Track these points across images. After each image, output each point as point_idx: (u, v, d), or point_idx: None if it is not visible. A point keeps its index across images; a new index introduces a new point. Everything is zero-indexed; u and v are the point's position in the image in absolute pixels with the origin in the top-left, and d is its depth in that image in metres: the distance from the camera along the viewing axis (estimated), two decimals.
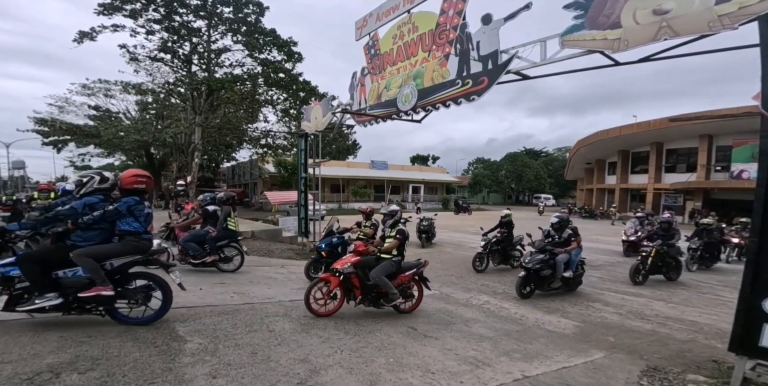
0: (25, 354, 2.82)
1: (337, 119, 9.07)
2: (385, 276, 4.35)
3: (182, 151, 20.38)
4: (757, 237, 2.85)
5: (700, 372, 3.41)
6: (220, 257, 6.45)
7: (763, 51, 2.82)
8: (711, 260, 9.08)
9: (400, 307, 4.66)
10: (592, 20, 4.00)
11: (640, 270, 7.17)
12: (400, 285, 4.57)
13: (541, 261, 5.89)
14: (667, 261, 7.36)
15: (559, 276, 5.94)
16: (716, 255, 9.16)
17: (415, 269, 4.70)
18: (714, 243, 9.05)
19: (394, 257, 4.51)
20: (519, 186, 54.65)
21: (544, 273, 5.88)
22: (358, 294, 4.42)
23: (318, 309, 4.29)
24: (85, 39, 14.78)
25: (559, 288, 6.09)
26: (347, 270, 4.33)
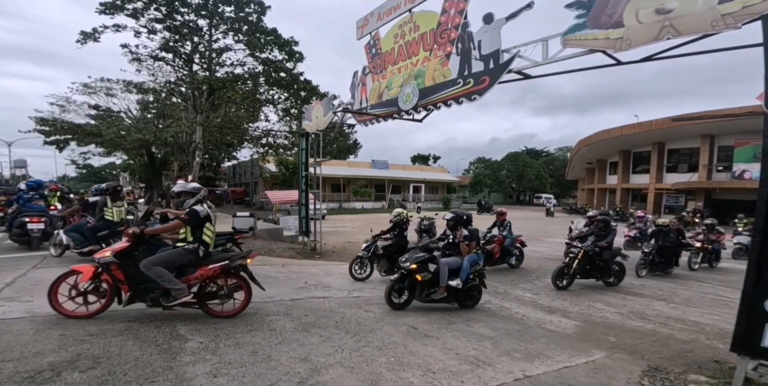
0: (26, 353, 2.82)
1: (338, 118, 9.07)
2: (167, 266, 3.55)
3: (183, 150, 20.38)
4: (759, 238, 2.84)
5: (702, 372, 3.40)
6: (101, 247, 6.12)
7: (766, 50, 2.80)
8: (665, 265, 8.09)
9: (213, 309, 3.91)
10: (595, 19, 3.99)
11: (564, 273, 6.48)
12: (206, 279, 3.78)
13: (418, 260, 4.85)
14: (598, 264, 6.63)
15: (443, 284, 4.79)
16: (672, 261, 8.17)
17: (228, 261, 3.83)
18: (669, 247, 8.08)
19: (188, 243, 3.71)
20: (520, 186, 54.60)
21: (424, 278, 4.78)
22: (125, 289, 3.61)
23: (72, 309, 3.60)
24: (88, 40, 14.80)
25: (443, 300, 4.87)
26: (105, 261, 3.53)
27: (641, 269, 7.91)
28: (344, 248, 11.02)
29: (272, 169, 31.09)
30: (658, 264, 8.03)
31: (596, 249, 6.58)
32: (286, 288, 5.70)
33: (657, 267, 8.03)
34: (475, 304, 5.21)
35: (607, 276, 6.75)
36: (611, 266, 6.74)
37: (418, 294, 4.86)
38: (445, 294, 4.85)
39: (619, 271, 6.94)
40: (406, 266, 4.80)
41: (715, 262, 9.46)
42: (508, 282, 7.04)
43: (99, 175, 65.99)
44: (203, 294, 3.87)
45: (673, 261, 8.19)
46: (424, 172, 42.34)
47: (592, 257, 6.59)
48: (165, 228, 3.87)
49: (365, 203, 33.49)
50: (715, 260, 9.45)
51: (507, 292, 6.31)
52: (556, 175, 54.00)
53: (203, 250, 3.76)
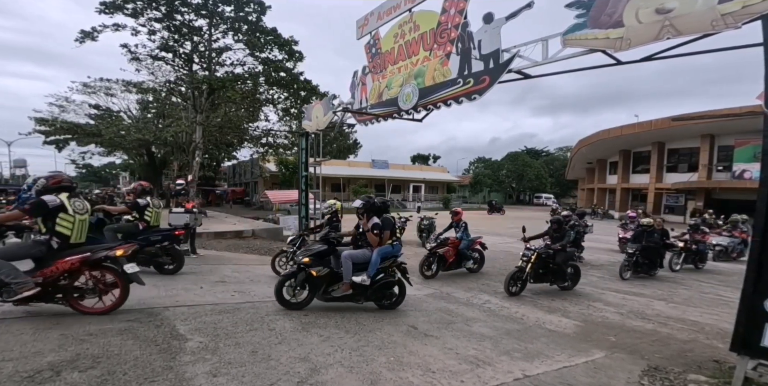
0: (26, 352, 2.82)
1: (338, 118, 9.06)
2: (9, 258, 3.34)
3: (183, 149, 20.39)
4: (759, 237, 2.84)
5: (702, 372, 3.40)
6: None
7: (766, 50, 2.80)
8: (649, 267, 7.85)
9: (80, 305, 3.64)
10: (595, 19, 3.98)
11: (517, 278, 6.00)
12: (64, 273, 3.48)
13: (311, 253, 4.51)
14: (552, 267, 6.19)
15: (347, 280, 4.41)
16: (656, 262, 7.93)
17: (89, 254, 3.52)
18: (653, 248, 7.83)
19: (41, 235, 3.48)
20: (520, 185, 54.62)
21: (319, 273, 4.41)
22: None
23: None
24: (87, 39, 14.79)
25: (348, 298, 4.49)
26: None
27: (625, 271, 7.63)
28: None
29: (272, 169, 31.10)
30: (642, 265, 7.76)
31: (549, 251, 6.14)
32: None
33: (641, 268, 7.76)
34: (397, 303, 4.74)
35: (561, 281, 6.31)
36: (565, 270, 6.27)
37: (318, 292, 4.45)
38: (349, 291, 4.43)
39: (574, 275, 6.48)
40: (299, 260, 4.41)
41: (701, 263, 9.11)
42: None
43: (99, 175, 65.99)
44: (67, 288, 3.56)
45: (658, 262, 7.93)
46: (424, 172, 42.35)
47: (545, 260, 6.14)
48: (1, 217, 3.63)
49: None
50: (700, 261, 9.07)
51: None
52: (556, 175, 54.03)
53: (57, 242, 3.47)
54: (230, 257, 8.38)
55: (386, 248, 4.60)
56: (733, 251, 10.43)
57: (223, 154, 29.85)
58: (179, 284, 5.27)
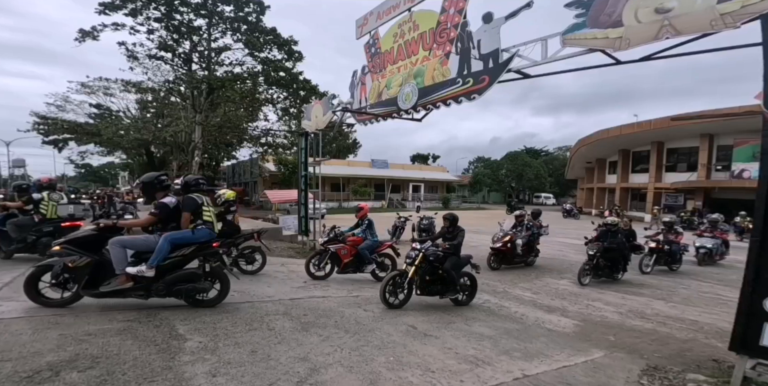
0: (24, 352, 2.82)
1: (337, 118, 9.06)
2: None
3: (182, 149, 20.39)
4: (758, 237, 2.84)
5: (701, 371, 3.41)
6: None
7: (765, 50, 2.81)
8: (612, 270, 7.16)
9: None
10: (594, 19, 3.99)
11: (397, 284, 4.82)
12: None
13: (71, 239, 3.99)
14: (441, 274, 4.96)
15: (118, 271, 3.77)
16: (619, 265, 7.23)
17: None
18: (616, 250, 7.10)
19: None
20: (519, 185, 54.61)
21: (76, 264, 3.85)
22: None
23: None
24: (86, 38, 14.78)
25: (125, 293, 3.85)
26: None
27: (584, 275, 6.90)
28: None
29: (271, 169, 31.08)
30: (604, 268, 7.06)
31: (438, 253, 4.92)
32: (285, 287, 5.69)
33: (602, 272, 7.07)
34: (215, 300, 4.11)
35: (451, 292, 4.98)
36: (455, 278, 4.91)
37: (79, 286, 3.77)
38: (127, 284, 3.73)
39: (470, 286, 5.28)
40: (49, 251, 3.88)
41: (675, 265, 8.55)
42: (507, 282, 7.04)
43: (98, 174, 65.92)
44: None
45: (621, 265, 7.25)
46: (423, 172, 42.35)
47: (433, 264, 4.93)
48: None
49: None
50: (673, 262, 8.51)
51: (506, 292, 6.31)
52: (556, 175, 54.05)
53: None
54: None
55: (179, 233, 3.89)
56: (716, 253, 9.70)
57: (222, 153, 29.86)
58: None
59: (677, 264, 8.61)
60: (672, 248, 8.36)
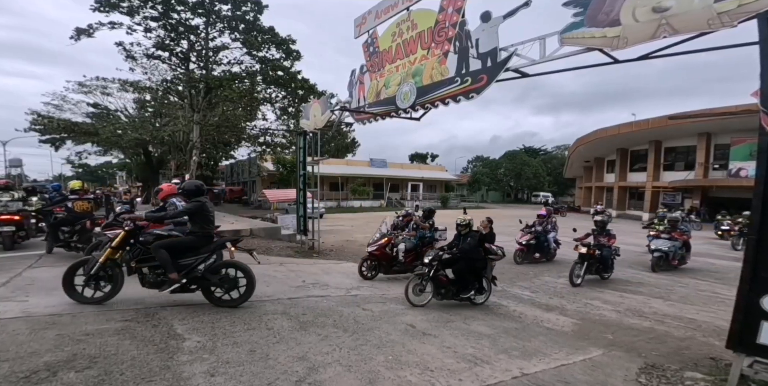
0: (22, 353, 2.81)
1: (336, 117, 9.05)
2: None
3: (180, 149, 20.32)
4: (755, 235, 2.85)
5: (698, 369, 3.42)
6: None
7: (762, 49, 2.82)
8: (459, 289, 5.06)
9: None
10: (592, 18, 3.99)
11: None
12: None
13: None
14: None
15: None
16: (468, 281, 5.05)
17: None
18: (462, 260, 5.07)
19: None
20: (518, 184, 54.69)
21: None
22: None
23: None
24: (82, 36, 14.70)
25: None
26: None
27: (416, 293, 5.00)
28: (342, 247, 11.02)
29: (270, 168, 31.03)
30: (447, 287, 5.05)
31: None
32: (284, 286, 5.69)
33: (445, 291, 5.05)
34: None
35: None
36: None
37: None
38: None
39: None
40: None
41: (607, 273, 7.35)
42: (506, 281, 7.05)
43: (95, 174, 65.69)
44: None
45: (472, 281, 5.08)
46: (422, 171, 42.35)
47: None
48: None
49: (363, 202, 33.47)
50: (605, 270, 7.26)
51: (504, 290, 6.32)
52: (554, 174, 54.11)
53: None
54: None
55: None
56: (674, 257, 8.49)
57: (220, 153, 29.78)
58: None
59: (608, 271, 7.33)
60: (603, 253, 7.08)
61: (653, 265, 8.37)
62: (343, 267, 7.94)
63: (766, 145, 2.82)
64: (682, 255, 8.72)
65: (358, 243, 11.33)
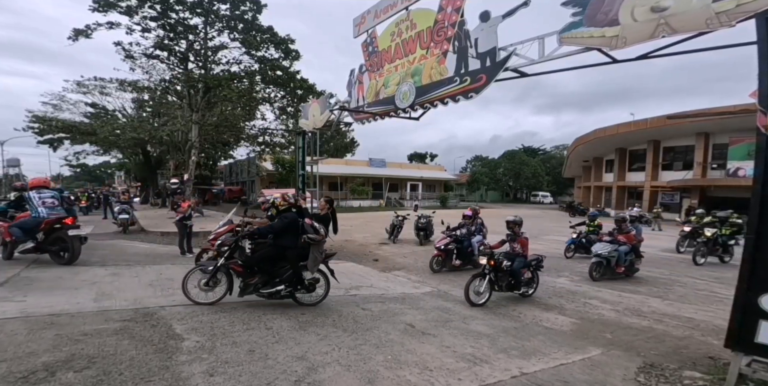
0: (20, 353, 2.80)
1: (335, 117, 9.05)
2: None
3: (179, 148, 20.28)
4: (753, 234, 2.86)
5: (697, 368, 3.43)
6: None
7: (760, 49, 2.82)
8: None
9: None
10: (591, 18, 3.99)
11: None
12: None
13: None
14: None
15: None
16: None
17: None
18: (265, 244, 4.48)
19: None
20: (517, 183, 54.78)
21: None
22: None
23: None
24: (80, 36, 14.67)
25: None
26: None
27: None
28: (341, 246, 11.01)
29: (269, 168, 31.01)
30: None
31: None
32: None
33: None
34: None
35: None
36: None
37: None
38: None
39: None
40: None
41: (525, 289, 5.68)
42: None
43: (93, 174, 65.55)
44: None
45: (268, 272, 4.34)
46: (421, 171, 42.35)
47: None
48: None
49: (363, 201, 33.47)
50: (515, 286, 5.53)
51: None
52: (553, 173, 54.22)
53: None
54: None
55: None
56: (619, 263, 7.17)
57: (219, 152, 29.75)
58: (175, 284, 5.23)
59: (523, 288, 5.65)
60: (514, 266, 5.45)
61: (590, 272, 7.12)
62: (343, 266, 7.93)
63: (764, 144, 2.82)
64: (631, 261, 7.35)
65: (357, 243, 11.33)
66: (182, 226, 7.73)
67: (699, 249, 9.23)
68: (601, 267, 7.19)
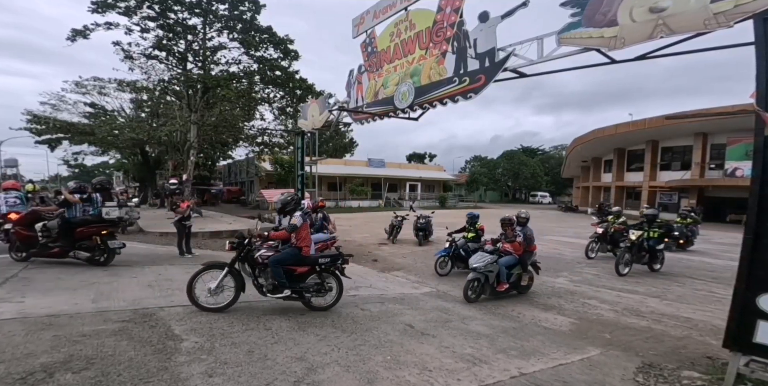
0: (18, 354, 2.79)
1: (334, 117, 9.04)
2: None
3: (178, 149, 20.24)
4: (751, 234, 2.87)
5: (695, 368, 3.44)
6: None
7: (757, 49, 2.83)
8: None
9: None
10: (589, 18, 4.00)
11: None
12: None
13: None
14: None
15: None
16: None
17: None
18: None
19: None
20: (515, 184, 54.86)
21: None
22: None
23: None
24: (78, 37, 14.63)
25: None
26: None
27: None
28: (341, 247, 11.00)
29: (268, 168, 30.97)
30: None
31: None
32: None
33: None
34: None
35: None
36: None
37: None
38: None
39: None
40: None
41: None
42: None
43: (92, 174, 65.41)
44: None
45: None
46: (420, 171, 42.37)
47: None
48: None
49: (362, 201, 33.47)
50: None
51: None
52: (552, 173, 54.30)
53: None
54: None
55: None
56: (501, 278, 5.48)
57: (218, 153, 29.70)
58: (174, 284, 5.23)
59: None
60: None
61: (465, 293, 5.42)
62: None
63: (761, 144, 2.83)
64: (519, 275, 5.78)
65: (356, 243, 11.32)
66: (181, 227, 7.72)
67: (623, 255, 7.65)
68: (478, 285, 5.44)
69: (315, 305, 4.48)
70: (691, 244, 11.21)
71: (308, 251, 4.51)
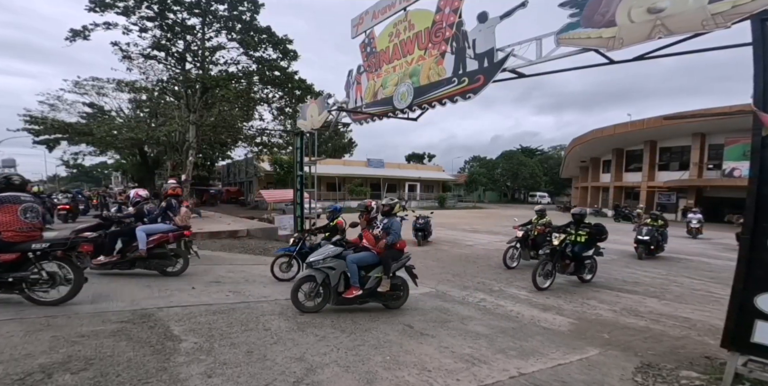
0: (16, 355, 2.78)
1: (333, 117, 9.04)
2: None
3: (176, 149, 20.20)
4: (749, 234, 2.87)
5: (693, 368, 3.45)
6: None
7: (755, 50, 2.84)
8: None
9: None
10: (588, 18, 4.01)
11: None
12: None
13: None
14: None
15: None
16: None
17: None
18: None
19: None
20: (514, 184, 54.94)
21: None
22: None
23: None
24: (77, 37, 14.60)
25: None
26: None
27: None
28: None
29: (267, 168, 30.96)
30: None
31: None
32: (282, 287, 5.67)
33: None
34: None
35: None
36: None
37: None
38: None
39: None
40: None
41: None
42: (503, 281, 7.07)
43: (90, 175, 65.26)
44: None
45: None
46: (419, 171, 42.40)
47: None
48: None
49: (361, 202, 33.47)
50: None
51: (502, 290, 6.34)
52: (551, 174, 54.39)
53: None
54: (225, 257, 8.34)
55: None
56: (352, 280, 4.42)
57: (217, 153, 29.65)
58: (173, 284, 5.23)
59: None
60: None
61: (293, 300, 4.33)
62: None
63: (759, 145, 2.84)
64: (378, 279, 4.50)
65: None
66: None
67: (543, 265, 6.29)
68: (316, 288, 4.32)
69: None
70: (662, 250, 10.34)
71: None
